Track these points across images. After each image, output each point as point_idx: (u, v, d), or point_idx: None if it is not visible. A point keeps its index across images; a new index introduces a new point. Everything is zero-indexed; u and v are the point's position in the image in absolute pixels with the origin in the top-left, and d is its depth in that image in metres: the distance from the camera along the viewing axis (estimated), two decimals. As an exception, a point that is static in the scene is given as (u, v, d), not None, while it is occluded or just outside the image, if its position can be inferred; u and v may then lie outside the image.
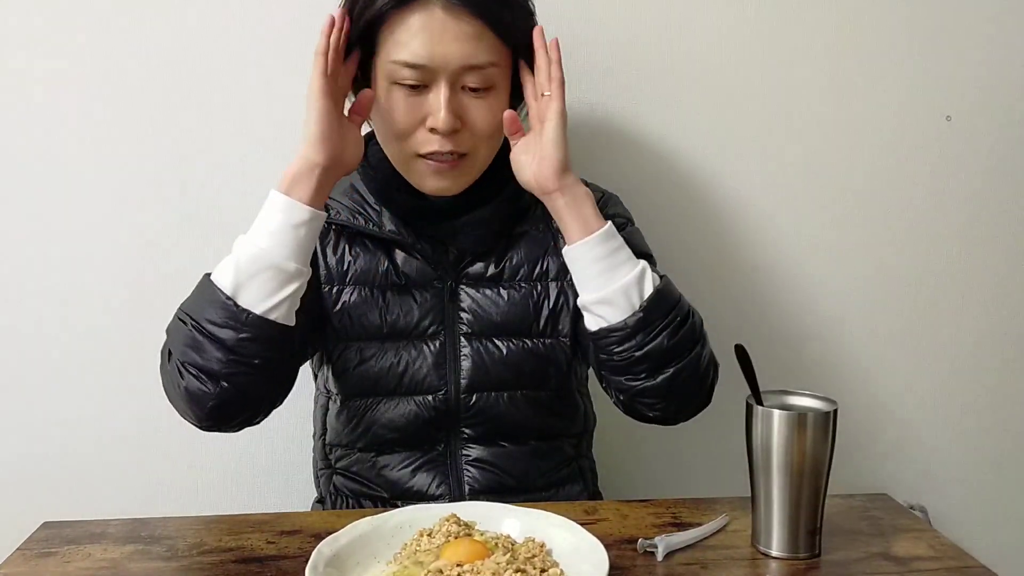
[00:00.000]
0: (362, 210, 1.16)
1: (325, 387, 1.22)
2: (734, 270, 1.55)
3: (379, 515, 0.88)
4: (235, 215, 1.16)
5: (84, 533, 0.95)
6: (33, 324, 1.44)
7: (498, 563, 0.77)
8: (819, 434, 0.88)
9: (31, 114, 1.40)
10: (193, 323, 0.99)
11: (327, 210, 1.09)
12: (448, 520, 0.87)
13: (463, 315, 1.15)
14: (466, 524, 0.88)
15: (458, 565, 0.77)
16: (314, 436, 1.28)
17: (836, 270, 1.57)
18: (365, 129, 1.14)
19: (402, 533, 0.87)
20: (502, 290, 1.17)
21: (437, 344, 1.15)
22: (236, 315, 0.97)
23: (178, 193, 1.42)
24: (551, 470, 1.19)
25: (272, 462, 1.46)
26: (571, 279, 1.12)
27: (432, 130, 1.05)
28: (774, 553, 0.90)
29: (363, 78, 1.10)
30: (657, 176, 1.51)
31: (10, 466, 1.47)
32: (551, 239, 1.18)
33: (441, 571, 0.76)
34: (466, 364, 1.15)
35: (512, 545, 0.84)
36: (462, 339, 1.15)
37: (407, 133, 1.07)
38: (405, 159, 1.09)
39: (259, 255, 0.98)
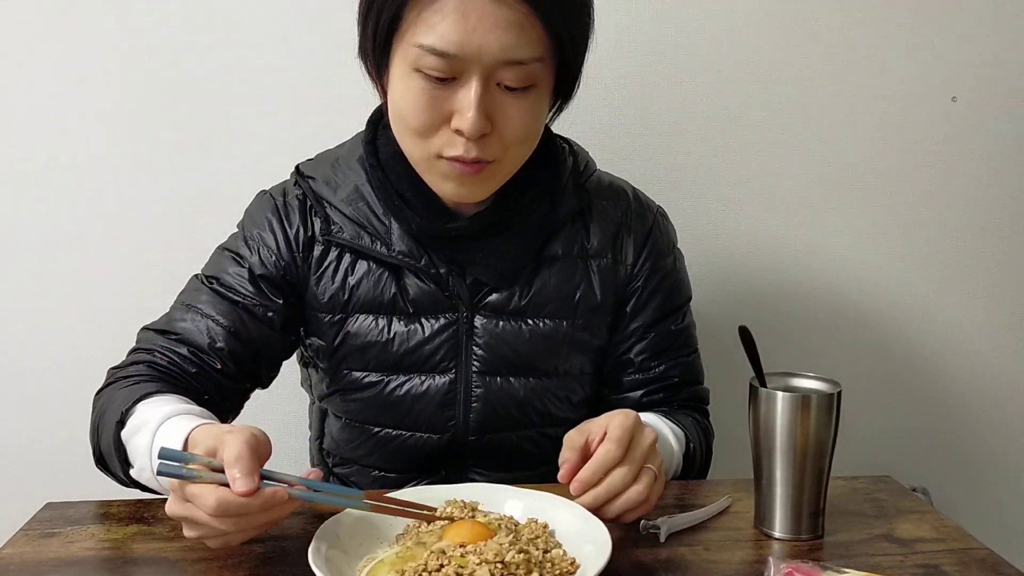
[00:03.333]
0: (368, 225, 1.04)
1: (319, 399, 1.16)
2: (738, 252, 1.55)
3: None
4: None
5: (87, 514, 0.95)
6: (37, 308, 1.45)
7: (501, 544, 0.76)
8: (823, 416, 0.88)
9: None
10: (100, 454, 0.96)
11: (328, 224, 1.03)
12: (451, 502, 0.87)
13: (477, 350, 1.06)
14: (469, 506, 0.87)
15: (461, 546, 0.77)
16: (310, 437, 1.24)
17: (841, 252, 1.57)
18: (365, 99, 1.05)
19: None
20: (524, 325, 1.06)
21: (447, 381, 1.06)
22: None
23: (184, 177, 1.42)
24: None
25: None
26: (602, 322, 1.08)
27: (457, 131, 0.92)
28: (777, 534, 0.90)
29: (381, 54, 0.95)
30: (662, 156, 1.50)
31: (13, 447, 1.48)
32: (586, 267, 1.08)
33: (444, 552, 0.76)
34: (477, 405, 1.06)
35: (515, 526, 0.84)
36: (474, 376, 1.06)
37: (427, 131, 0.93)
38: (422, 158, 0.97)
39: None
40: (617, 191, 1.13)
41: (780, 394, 0.88)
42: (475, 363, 1.06)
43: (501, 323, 1.06)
